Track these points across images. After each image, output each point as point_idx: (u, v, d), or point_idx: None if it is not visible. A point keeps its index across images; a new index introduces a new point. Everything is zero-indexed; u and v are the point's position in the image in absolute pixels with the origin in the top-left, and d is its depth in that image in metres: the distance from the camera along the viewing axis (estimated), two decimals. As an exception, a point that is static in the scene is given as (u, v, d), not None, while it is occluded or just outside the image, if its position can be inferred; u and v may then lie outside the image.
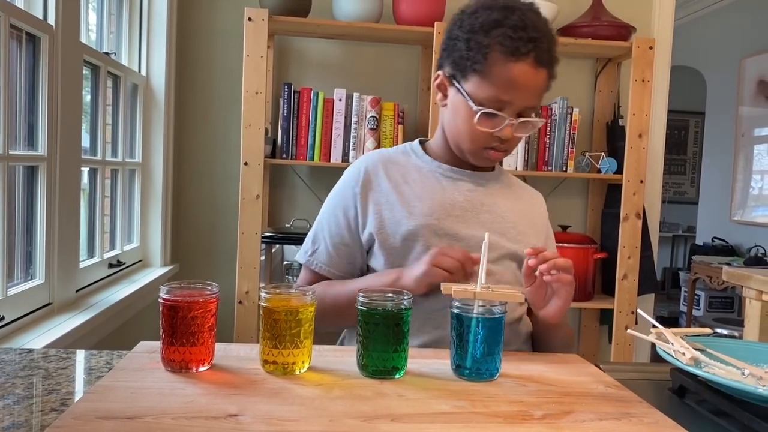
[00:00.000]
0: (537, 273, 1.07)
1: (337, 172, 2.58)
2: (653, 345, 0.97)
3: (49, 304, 1.58)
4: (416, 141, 1.33)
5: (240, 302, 2.26)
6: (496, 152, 1.19)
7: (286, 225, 2.54)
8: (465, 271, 1.08)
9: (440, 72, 1.23)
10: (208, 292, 0.90)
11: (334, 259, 1.25)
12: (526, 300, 1.13)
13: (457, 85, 1.18)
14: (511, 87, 1.13)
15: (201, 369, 0.89)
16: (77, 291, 1.76)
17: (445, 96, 1.23)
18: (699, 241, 5.37)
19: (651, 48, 2.40)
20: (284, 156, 2.37)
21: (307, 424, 0.72)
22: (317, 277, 1.27)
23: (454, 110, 1.21)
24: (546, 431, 0.74)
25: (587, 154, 2.61)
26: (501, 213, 1.26)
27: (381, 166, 1.26)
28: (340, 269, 1.25)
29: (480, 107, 1.14)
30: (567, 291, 1.08)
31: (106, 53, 2.03)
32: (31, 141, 1.54)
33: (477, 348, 0.90)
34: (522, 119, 1.16)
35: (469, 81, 1.16)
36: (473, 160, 1.24)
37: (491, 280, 1.17)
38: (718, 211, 5.11)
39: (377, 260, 1.23)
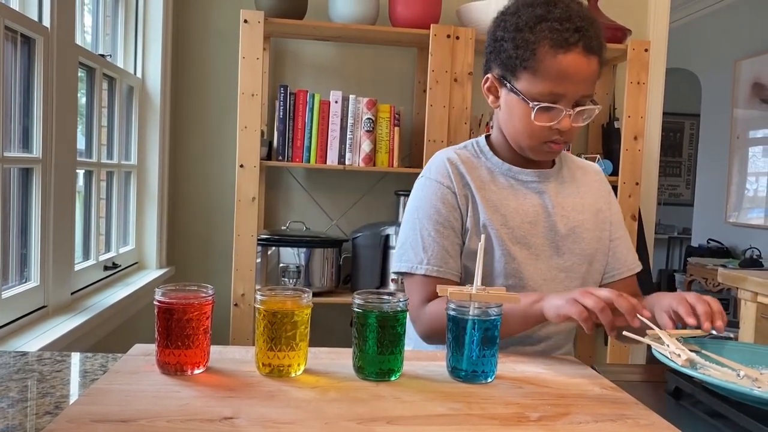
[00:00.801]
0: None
1: (333, 174, 2.61)
2: (649, 347, 0.97)
3: (43, 307, 1.58)
4: (482, 138, 1.32)
5: (236, 305, 2.26)
6: (557, 144, 1.20)
7: (282, 227, 2.54)
8: (609, 312, 0.98)
9: (489, 75, 1.24)
10: (204, 295, 0.90)
11: (449, 259, 1.22)
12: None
13: (509, 85, 1.19)
14: (564, 79, 1.13)
15: (196, 372, 0.89)
16: (72, 293, 1.75)
17: (497, 98, 1.24)
18: (694, 243, 5.38)
19: (646, 50, 2.41)
20: (280, 158, 2.37)
21: (302, 427, 0.72)
22: (434, 284, 1.18)
23: (508, 110, 1.21)
24: (542, 433, 0.74)
25: (583, 156, 2.61)
26: (567, 213, 1.27)
27: (461, 164, 1.26)
28: (456, 269, 1.23)
29: (536, 103, 1.14)
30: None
31: (102, 55, 2.03)
32: (26, 143, 1.54)
33: (473, 350, 0.90)
34: (579, 108, 1.16)
35: (521, 79, 1.16)
36: (534, 156, 1.24)
37: (556, 282, 1.24)
38: (714, 213, 5.12)
39: None
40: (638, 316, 0.98)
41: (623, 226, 1.37)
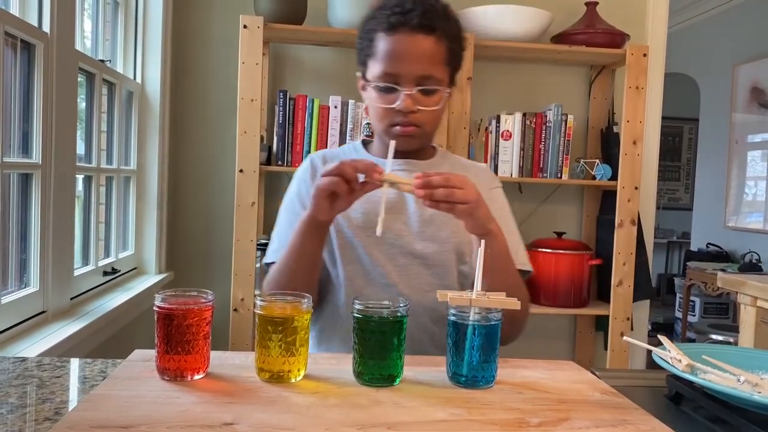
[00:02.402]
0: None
1: (332, 179, 2.60)
2: (649, 351, 0.97)
3: (43, 312, 1.58)
4: (360, 140, 1.38)
5: (235, 310, 2.25)
6: (404, 127, 1.21)
7: (282, 232, 2.54)
8: (353, 176, 1.03)
9: (358, 73, 1.29)
10: (203, 300, 0.90)
11: None
12: None
13: (364, 77, 1.25)
14: (392, 59, 1.18)
15: (196, 377, 0.89)
16: (72, 299, 1.75)
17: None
18: (694, 247, 5.38)
19: (645, 55, 2.42)
20: (279, 163, 2.37)
21: (302, 433, 0.72)
22: None
23: (366, 99, 1.26)
24: (542, 439, 0.74)
25: (582, 160, 2.61)
26: None
27: (321, 162, 1.31)
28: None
29: (372, 83, 1.21)
30: (461, 210, 1.04)
31: (102, 60, 2.03)
32: (25, 148, 1.54)
33: (473, 355, 0.90)
34: (420, 88, 1.18)
35: (368, 68, 1.23)
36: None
37: (410, 269, 1.22)
38: (713, 218, 5.13)
39: None
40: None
41: (508, 224, 1.32)
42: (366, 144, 1.37)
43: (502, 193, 1.37)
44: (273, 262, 1.27)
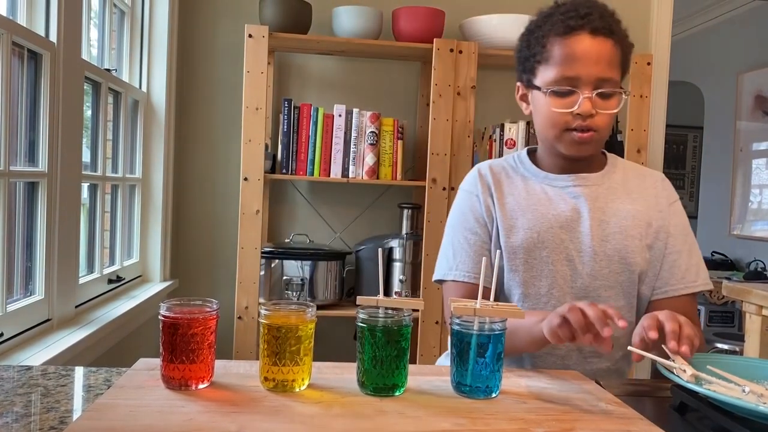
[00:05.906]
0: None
1: (336, 187, 2.61)
2: (654, 361, 0.97)
3: (48, 320, 1.58)
4: (524, 151, 1.33)
5: (239, 318, 2.25)
6: (582, 133, 1.17)
7: (286, 240, 2.55)
8: (592, 332, 0.95)
9: (518, 83, 1.28)
10: (208, 309, 0.90)
11: (479, 264, 1.20)
12: None
13: (531, 84, 1.22)
14: (571, 61, 1.15)
15: (201, 386, 0.89)
16: (76, 307, 1.75)
17: (528, 104, 1.27)
18: (698, 256, 5.36)
19: (649, 64, 2.42)
20: (284, 171, 2.38)
21: (307, 443, 0.72)
22: (465, 290, 1.22)
23: (535, 108, 1.24)
24: (547, 449, 0.74)
25: (586, 169, 2.61)
26: (607, 219, 1.22)
27: (491, 174, 1.29)
28: (487, 275, 1.21)
29: (549, 87, 1.17)
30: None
31: (107, 69, 2.05)
32: (31, 157, 1.55)
33: (477, 365, 0.90)
34: (599, 91, 1.16)
35: (538, 74, 1.20)
36: (565, 150, 1.21)
37: (597, 292, 1.18)
38: (718, 226, 5.11)
39: None
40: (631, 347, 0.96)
41: (688, 241, 1.28)
42: (530, 153, 1.32)
43: (681, 207, 1.32)
44: (443, 281, 1.26)
